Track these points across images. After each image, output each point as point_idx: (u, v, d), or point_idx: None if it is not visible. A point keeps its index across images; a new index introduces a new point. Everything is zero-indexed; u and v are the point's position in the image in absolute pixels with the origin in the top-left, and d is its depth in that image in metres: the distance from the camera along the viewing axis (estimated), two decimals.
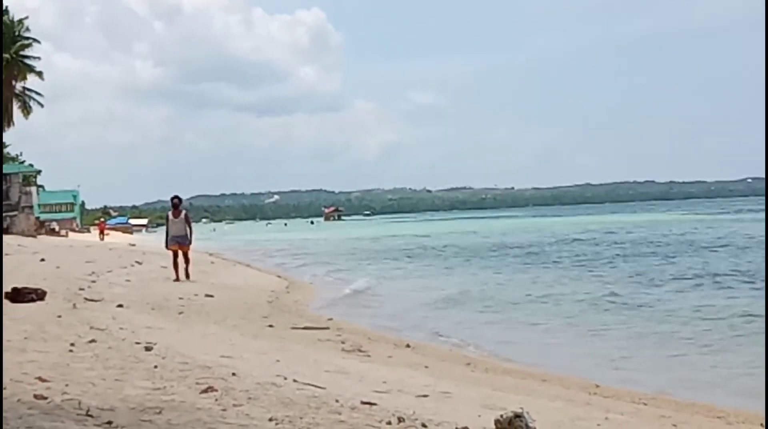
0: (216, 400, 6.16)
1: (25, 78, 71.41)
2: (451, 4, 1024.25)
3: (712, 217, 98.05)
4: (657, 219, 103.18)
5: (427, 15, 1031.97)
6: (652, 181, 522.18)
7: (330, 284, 29.97)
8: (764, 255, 29.53)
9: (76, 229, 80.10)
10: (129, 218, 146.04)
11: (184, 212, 24.51)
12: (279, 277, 31.21)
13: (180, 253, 23.72)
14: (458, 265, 38.87)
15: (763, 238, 46.24)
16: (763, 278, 26.08)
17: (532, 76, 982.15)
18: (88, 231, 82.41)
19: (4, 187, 54.70)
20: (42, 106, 74.26)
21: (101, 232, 69.56)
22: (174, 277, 23.36)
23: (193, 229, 24.41)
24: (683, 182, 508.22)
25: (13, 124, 72.13)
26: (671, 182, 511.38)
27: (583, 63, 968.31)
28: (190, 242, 24.22)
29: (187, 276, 23.48)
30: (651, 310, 20.19)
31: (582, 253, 43.74)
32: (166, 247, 24.27)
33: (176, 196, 24.59)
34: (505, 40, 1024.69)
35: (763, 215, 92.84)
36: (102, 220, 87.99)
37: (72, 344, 8.78)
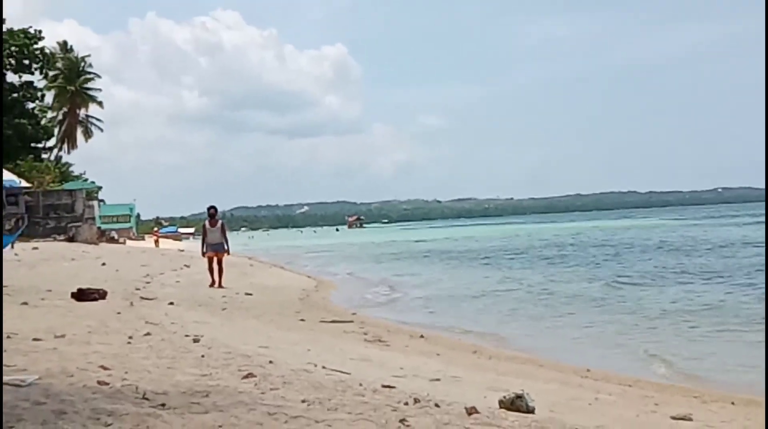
0: (255, 384, 6.15)
1: (87, 107, 72.00)
2: (455, 39, 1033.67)
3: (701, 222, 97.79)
4: (643, 224, 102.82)
5: (435, 48, 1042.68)
6: (635, 192, 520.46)
7: (354, 283, 30.01)
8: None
9: (133, 237, 79.93)
10: (178, 227, 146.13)
11: (220, 222, 22.73)
12: (309, 277, 31.21)
13: (215, 260, 21.76)
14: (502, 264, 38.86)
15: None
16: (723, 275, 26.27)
17: (527, 100, 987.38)
18: (143, 239, 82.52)
19: (70, 201, 55.14)
20: (102, 130, 75.44)
21: (156, 240, 69.61)
22: (210, 282, 21.53)
23: (234, 236, 22.86)
24: (661, 192, 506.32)
25: (76, 146, 72.78)
26: (651, 192, 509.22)
27: (572, 88, 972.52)
28: (227, 250, 22.33)
29: (220, 284, 21.37)
30: (635, 303, 20.14)
31: (584, 254, 43.75)
32: (203, 254, 22.24)
33: (212, 206, 22.73)
34: (503, 69, 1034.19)
35: (729, 221, 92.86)
36: (156, 229, 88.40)
37: (130, 337, 8.80)
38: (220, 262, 21.71)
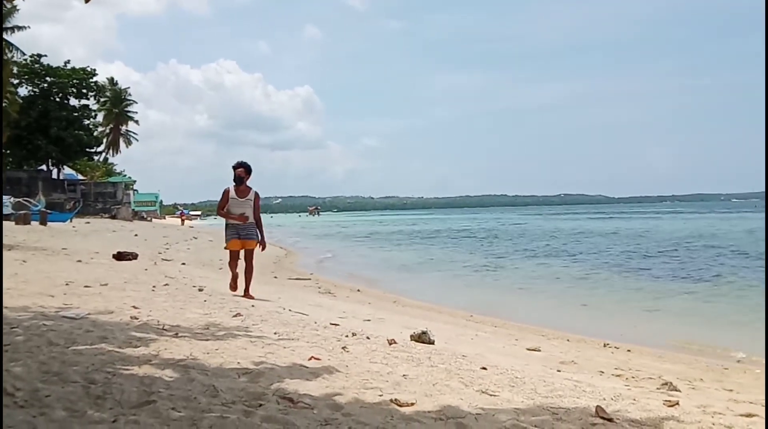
0: (242, 321, 6.11)
1: (127, 124, 70.51)
2: (388, 86, 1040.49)
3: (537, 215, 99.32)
4: (508, 217, 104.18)
5: (374, 91, 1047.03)
6: (505, 195, 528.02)
7: (312, 252, 29.85)
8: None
9: (157, 217, 78.70)
10: (189, 211, 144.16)
11: (253, 190, 9.14)
12: (281, 247, 30.93)
13: (243, 252, 9.26)
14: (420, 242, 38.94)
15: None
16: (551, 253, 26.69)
17: (436, 130, 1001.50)
18: (165, 218, 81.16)
19: (113, 190, 55.12)
20: (138, 140, 73.28)
21: (182, 220, 68.02)
22: (230, 286, 9.36)
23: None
24: (524, 196, 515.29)
25: (119, 151, 71.20)
26: (516, 196, 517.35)
27: (467, 123, 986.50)
28: (262, 242, 9.40)
29: (247, 293, 8.93)
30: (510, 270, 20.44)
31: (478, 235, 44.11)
32: (227, 242, 9.19)
33: (241, 164, 9.05)
34: (420, 108, 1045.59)
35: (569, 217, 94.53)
36: (181, 211, 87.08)
37: (154, 286, 8.69)
38: (248, 257, 9.30)
